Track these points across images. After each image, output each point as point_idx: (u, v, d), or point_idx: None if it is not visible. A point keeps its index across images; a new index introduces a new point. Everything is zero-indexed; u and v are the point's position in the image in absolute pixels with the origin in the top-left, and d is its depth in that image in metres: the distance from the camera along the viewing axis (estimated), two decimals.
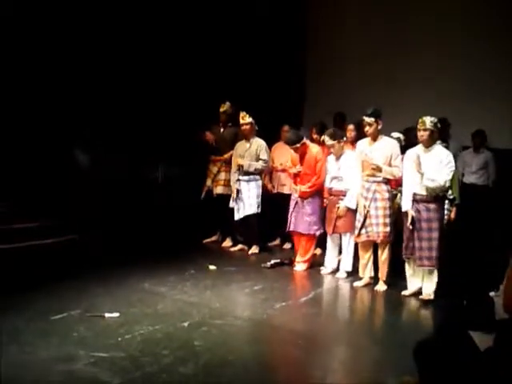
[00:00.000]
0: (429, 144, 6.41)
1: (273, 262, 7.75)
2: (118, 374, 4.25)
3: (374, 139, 6.86)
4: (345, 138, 7.54)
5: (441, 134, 8.39)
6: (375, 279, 7.02)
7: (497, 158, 8.82)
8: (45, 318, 5.28)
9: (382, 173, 6.76)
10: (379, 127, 6.81)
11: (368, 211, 6.85)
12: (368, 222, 6.86)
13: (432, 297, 6.51)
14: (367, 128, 6.81)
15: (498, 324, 3.71)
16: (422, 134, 6.37)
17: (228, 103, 8.56)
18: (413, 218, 6.41)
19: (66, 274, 6.71)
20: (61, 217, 8.23)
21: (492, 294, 4.39)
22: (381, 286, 6.91)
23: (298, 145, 7.49)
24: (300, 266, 7.68)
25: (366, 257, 7.05)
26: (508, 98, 8.96)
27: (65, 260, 7.35)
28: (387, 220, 6.82)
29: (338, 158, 7.37)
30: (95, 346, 4.74)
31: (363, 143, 6.99)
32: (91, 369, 4.34)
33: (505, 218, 8.01)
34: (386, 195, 6.83)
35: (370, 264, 7.07)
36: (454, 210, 7.25)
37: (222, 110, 8.56)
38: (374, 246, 7.01)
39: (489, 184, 8.87)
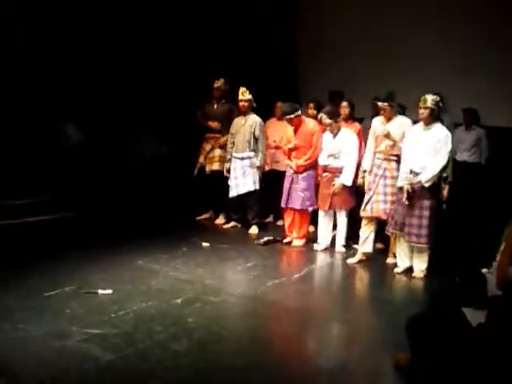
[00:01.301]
0: (428, 122, 6.39)
1: (266, 238, 7.75)
2: (110, 350, 4.27)
3: (389, 120, 6.83)
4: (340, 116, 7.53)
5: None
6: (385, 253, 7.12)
7: (489, 135, 8.80)
8: (38, 294, 5.29)
9: (390, 141, 6.73)
10: (394, 109, 6.79)
11: (377, 187, 6.84)
12: (375, 198, 6.86)
13: (424, 274, 6.55)
14: (382, 112, 6.82)
15: (490, 300, 3.71)
16: (423, 112, 6.35)
17: (222, 79, 8.49)
18: (408, 193, 6.41)
19: (60, 251, 6.71)
20: (56, 194, 8.23)
21: (484, 270, 4.38)
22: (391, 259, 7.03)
23: (293, 116, 7.46)
24: (297, 242, 7.69)
25: (367, 232, 7.04)
26: (501, 76, 8.93)
27: (59, 237, 7.35)
28: (395, 198, 6.77)
29: (335, 135, 7.36)
30: (88, 322, 4.76)
31: (377, 120, 6.96)
32: (84, 345, 4.36)
33: (497, 196, 8.02)
34: (396, 173, 6.76)
35: (370, 240, 7.06)
36: (446, 188, 7.23)
37: (216, 85, 8.49)
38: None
39: (481, 161, 8.86)
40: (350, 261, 7.08)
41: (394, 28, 9.83)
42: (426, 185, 6.33)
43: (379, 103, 6.81)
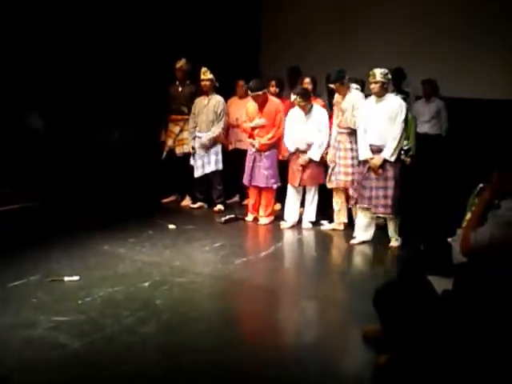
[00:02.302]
0: (380, 94, 6.56)
1: (228, 217, 7.76)
2: (78, 337, 4.22)
3: (344, 95, 7.02)
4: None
5: (398, 85, 8.50)
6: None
7: (448, 106, 8.87)
8: (2, 285, 5.17)
9: (343, 119, 6.98)
10: (346, 85, 6.99)
11: (336, 159, 7.10)
12: (336, 169, 7.08)
13: (398, 243, 6.69)
14: (336, 91, 7.06)
15: (456, 268, 3.75)
16: (374, 87, 6.55)
17: (184, 59, 8.41)
18: (369, 166, 6.56)
19: (24, 240, 6.58)
20: (19, 184, 8.08)
21: (449, 239, 4.43)
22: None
23: (261, 92, 7.43)
24: (263, 220, 7.69)
25: (338, 202, 7.24)
26: (461, 47, 8.98)
27: (24, 227, 7.21)
28: (349, 170, 6.99)
29: (306, 113, 7.35)
30: (55, 310, 4.69)
31: (336, 96, 7.14)
32: (51, 333, 4.29)
33: (459, 167, 8.11)
34: (348, 146, 7.00)
35: (344, 210, 7.26)
36: (408, 160, 7.29)
37: (177, 66, 8.40)
38: None
39: (442, 133, 8.92)
40: (325, 228, 7.41)
41: (358, 3, 9.81)
42: (392, 159, 6.46)
43: (330, 85, 7.10)
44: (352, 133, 6.95)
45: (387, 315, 3.71)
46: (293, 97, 7.36)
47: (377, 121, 6.53)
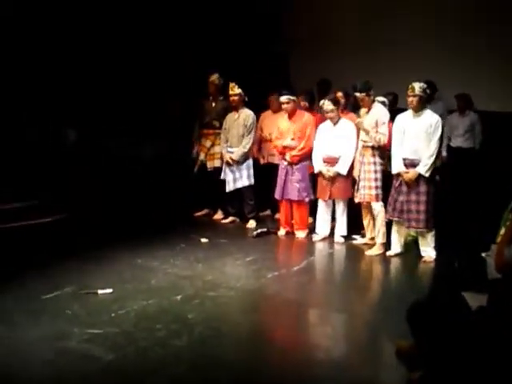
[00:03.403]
0: (418, 109, 6.51)
1: (259, 230, 7.77)
2: (111, 350, 4.25)
3: (369, 108, 6.99)
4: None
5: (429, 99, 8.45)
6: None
7: (483, 120, 8.79)
8: (36, 297, 5.24)
9: (368, 137, 6.91)
10: (371, 98, 6.95)
11: (361, 173, 7.02)
12: (362, 184, 7.02)
13: (433, 258, 6.62)
14: (360, 101, 7.00)
15: (490, 284, 3.71)
16: (412, 100, 6.49)
17: (216, 74, 8.47)
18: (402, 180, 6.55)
19: (57, 252, 6.66)
20: (53, 196, 8.20)
21: (483, 254, 4.38)
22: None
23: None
24: (300, 234, 7.69)
25: (366, 217, 7.20)
26: (495, 61, 8.91)
27: (57, 239, 7.31)
28: (372, 183, 6.93)
29: (334, 124, 7.36)
30: (88, 322, 4.73)
31: (362, 111, 7.08)
32: (85, 345, 4.33)
33: (493, 180, 8.02)
34: (371, 160, 6.94)
35: (371, 225, 7.20)
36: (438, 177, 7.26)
37: (210, 80, 8.47)
38: None
39: (475, 146, 8.85)
40: (357, 242, 7.42)
41: (384, 17, 9.80)
42: (427, 175, 6.44)
43: (356, 93, 6.98)
44: (376, 147, 6.92)
45: (420, 331, 3.68)
46: (322, 101, 7.38)
47: (412, 135, 6.49)
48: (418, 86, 6.43)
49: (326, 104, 7.30)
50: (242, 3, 10.16)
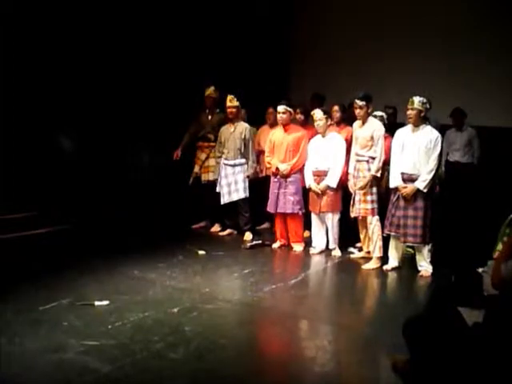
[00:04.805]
0: (417, 123, 6.55)
1: (254, 242, 7.83)
2: (108, 362, 4.24)
3: (364, 122, 7.02)
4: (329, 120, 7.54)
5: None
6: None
7: (481, 135, 8.84)
8: (33, 308, 5.23)
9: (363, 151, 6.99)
10: (369, 110, 6.99)
11: (356, 187, 7.06)
12: (357, 198, 7.06)
13: (430, 273, 6.64)
14: (358, 111, 6.99)
15: (487, 300, 3.72)
16: (410, 114, 6.53)
17: (212, 87, 8.53)
18: (400, 194, 6.58)
19: (54, 264, 6.66)
20: (51, 207, 8.20)
21: (480, 270, 4.40)
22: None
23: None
24: (297, 247, 7.71)
25: (363, 232, 7.24)
26: (490, 76, 8.97)
27: (54, 250, 7.31)
28: (368, 198, 6.96)
29: (323, 136, 7.41)
30: (85, 334, 4.72)
31: (356, 124, 7.16)
32: (82, 357, 4.32)
33: (491, 195, 8.05)
34: (366, 173, 6.97)
35: (368, 239, 7.21)
36: (437, 187, 7.29)
37: (206, 93, 8.52)
38: None
39: (473, 161, 8.90)
40: (353, 256, 7.45)
41: (380, 32, 9.88)
42: (425, 190, 6.46)
43: (357, 101, 6.96)
44: (370, 161, 6.97)
45: (416, 346, 3.69)
46: (313, 111, 7.42)
47: (411, 150, 6.53)
48: (417, 100, 6.47)
49: (317, 112, 7.36)
50: (243, 15, 10.25)
